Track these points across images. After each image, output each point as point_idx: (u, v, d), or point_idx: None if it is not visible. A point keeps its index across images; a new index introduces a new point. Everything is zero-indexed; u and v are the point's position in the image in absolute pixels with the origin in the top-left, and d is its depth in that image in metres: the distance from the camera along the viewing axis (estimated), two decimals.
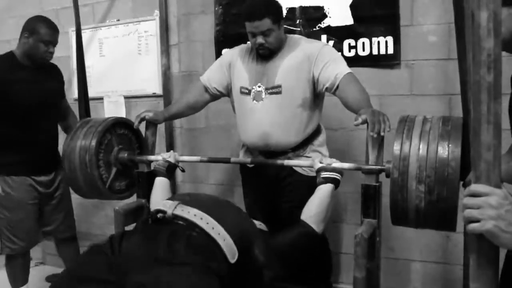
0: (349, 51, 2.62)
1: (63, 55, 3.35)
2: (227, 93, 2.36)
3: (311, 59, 2.11)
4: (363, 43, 2.59)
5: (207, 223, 1.40)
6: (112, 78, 3.32)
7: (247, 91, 2.20)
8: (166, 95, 3.15)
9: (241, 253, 1.41)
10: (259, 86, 2.16)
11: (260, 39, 2.09)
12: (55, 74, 2.69)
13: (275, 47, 2.14)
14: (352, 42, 2.62)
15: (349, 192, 2.65)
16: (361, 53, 2.60)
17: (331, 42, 2.64)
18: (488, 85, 0.79)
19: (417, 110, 2.41)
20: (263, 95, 2.15)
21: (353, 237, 2.64)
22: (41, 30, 2.45)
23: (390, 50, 2.53)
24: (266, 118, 2.15)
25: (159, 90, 3.19)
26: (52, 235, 2.78)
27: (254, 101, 2.17)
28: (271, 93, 2.14)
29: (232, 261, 1.37)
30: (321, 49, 2.13)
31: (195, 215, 1.42)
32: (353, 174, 2.28)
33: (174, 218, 1.42)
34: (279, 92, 2.12)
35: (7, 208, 2.52)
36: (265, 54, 2.15)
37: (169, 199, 1.60)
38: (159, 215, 1.44)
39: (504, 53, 2.05)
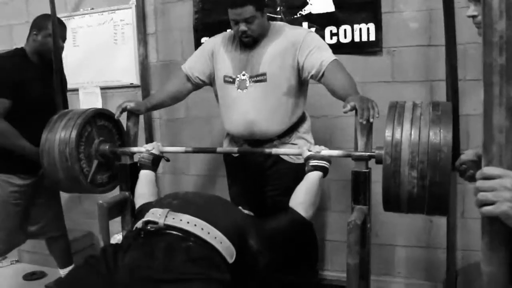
0: (331, 38, 2.61)
1: None
2: (210, 82, 2.32)
3: (295, 46, 2.08)
4: (345, 30, 2.59)
5: (202, 229, 1.37)
6: (87, 68, 3.22)
7: (231, 80, 2.16)
8: (144, 85, 3.09)
9: (238, 249, 1.40)
10: (243, 75, 2.13)
11: (242, 27, 2.05)
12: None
13: (258, 35, 2.11)
14: (334, 29, 2.61)
15: (333, 180, 2.66)
16: (343, 40, 2.60)
17: (313, 30, 2.62)
18: (500, 67, 0.79)
19: (399, 96, 2.40)
20: (248, 83, 2.12)
21: (337, 224, 2.73)
22: (49, 26, 2.39)
23: (372, 37, 2.54)
24: (251, 106, 2.12)
25: (136, 80, 3.12)
26: (40, 236, 2.68)
27: (239, 89, 2.14)
28: (255, 81, 2.11)
29: (231, 261, 1.36)
30: (305, 36, 2.10)
31: (188, 222, 1.38)
32: (337, 162, 2.29)
33: (167, 228, 1.38)
34: (264, 80, 2.10)
35: None
36: (248, 43, 2.12)
37: (155, 204, 1.55)
38: (151, 226, 1.40)
39: None
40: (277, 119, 2.14)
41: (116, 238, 2.81)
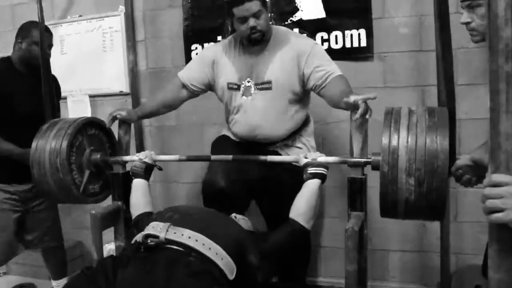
0: (322, 44, 2.61)
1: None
2: (209, 89, 2.31)
3: (302, 57, 2.09)
4: (336, 36, 2.59)
5: (203, 244, 1.36)
6: (75, 76, 3.18)
7: (236, 87, 2.17)
8: (134, 93, 3.06)
9: (238, 265, 1.39)
10: (248, 81, 2.14)
11: (252, 22, 2.04)
12: (54, 87, 2.54)
13: (266, 31, 2.10)
14: (325, 35, 2.61)
15: (327, 186, 2.65)
16: (334, 46, 2.60)
17: (303, 35, 2.62)
18: (507, 75, 0.79)
19: (391, 102, 2.40)
20: (252, 90, 2.14)
21: (329, 231, 2.72)
22: (33, 33, 2.36)
23: (363, 43, 2.55)
24: (256, 113, 2.14)
25: (126, 88, 3.09)
26: (36, 245, 2.63)
27: (244, 96, 2.15)
28: (260, 89, 2.12)
29: (231, 277, 1.35)
30: (312, 48, 2.12)
31: (189, 237, 1.37)
32: (331, 168, 2.28)
33: (168, 243, 1.37)
34: (269, 88, 2.11)
35: None
36: (257, 39, 2.09)
37: (156, 217, 1.53)
38: (151, 240, 1.38)
39: (483, 44, 2.09)
40: (282, 125, 2.16)
41: (107, 248, 2.77)
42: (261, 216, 2.43)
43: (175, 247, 1.36)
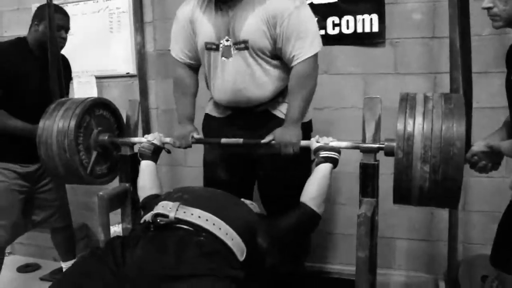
0: (333, 29, 2.58)
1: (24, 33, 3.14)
2: None
3: (278, 18, 1.85)
4: (347, 21, 2.55)
5: (214, 224, 1.35)
6: (81, 57, 3.13)
7: (215, 47, 1.97)
8: (141, 75, 3.03)
9: (248, 247, 1.38)
10: (227, 40, 1.94)
11: None
12: (64, 68, 2.48)
13: None
14: (336, 20, 2.57)
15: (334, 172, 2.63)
16: (345, 31, 2.56)
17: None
18: None
19: (402, 88, 2.38)
20: (232, 51, 1.94)
21: (339, 218, 2.71)
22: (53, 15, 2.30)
23: (375, 28, 2.50)
24: (237, 75, 1.96)
25: (133, 70, 3.06)
26: (44, 225, 2.63)
27: (223, 57, 1.96)
28: (238, 49, 1.92)
29: (241, 259, 1.34)
30: (291, 13, 1.85)
31: (199, 216, 1.36)
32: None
33: (178, 222, 1.35)
34: (247, 48, 1.91)
35: None
36: None
37: (165, 197, 1.52)
38: (161, 219, 1.36)
39: (496, 31, 2.06)
40: (266, 88, 1.98)
41: (112, 230, 2.76)
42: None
43: (185, 226, 1.34)
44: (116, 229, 2.75)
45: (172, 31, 2.14)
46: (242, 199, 1.75)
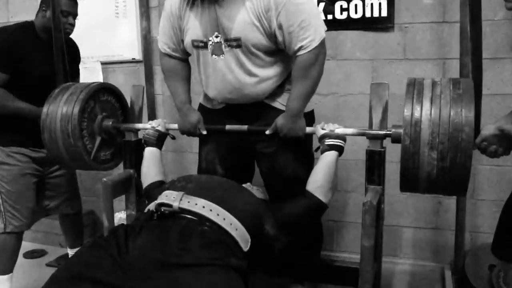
0: (341, 13, 2.52)
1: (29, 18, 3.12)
2: None
3: (273, 10, 1.73)
4: (356, 5, 2.49)
5: (218, 214, 1.33)
6: (87, 43, 3.09)
7: (202, 44, 1.87)
8: (147, 60, 3.00)
9: (253, 236, 1.36)
10: (216, 37, 1.83)
11: None
12: (71, 52, 2.47)
13: None
14: (344, 4, 2.51)
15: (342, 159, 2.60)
16: (353, 15, 2.51)
17: (322, 4, 2.53)
18: None
19: (411, 74, 2.37)
20: (224, 48, 1.83)
21: (344, 205, 2.69)
22: (59, 2, 2.27)
23: (384, 13, 2.45)
24: (231, 75, 1.87)
25: (138, 55, 3.04)
26: (55, 212, 2.61)
27: (214, 56, 1.86)
28: (230, 46, 1.82)
29: (246, 249, 1.33)
30: (285, 3, 1.71)
31: (203, 207, 1.34)
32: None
33: (182, 212, 1.34)
34: (239, 46, 1.81)
35: (4, 179, 2.34)
36: None
37: (169, 186, 1.50)
38: (165, 209, 1.35)
39: (508, 16, 2.00)
40: (263, 85, 1.91)
41: (118, 216, 2.76)
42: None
43: (189, 216, 1.33)
44: (121, 216, 2.75)
45: (160, 21, 2.04)
46: (248, 184, 1.73)
